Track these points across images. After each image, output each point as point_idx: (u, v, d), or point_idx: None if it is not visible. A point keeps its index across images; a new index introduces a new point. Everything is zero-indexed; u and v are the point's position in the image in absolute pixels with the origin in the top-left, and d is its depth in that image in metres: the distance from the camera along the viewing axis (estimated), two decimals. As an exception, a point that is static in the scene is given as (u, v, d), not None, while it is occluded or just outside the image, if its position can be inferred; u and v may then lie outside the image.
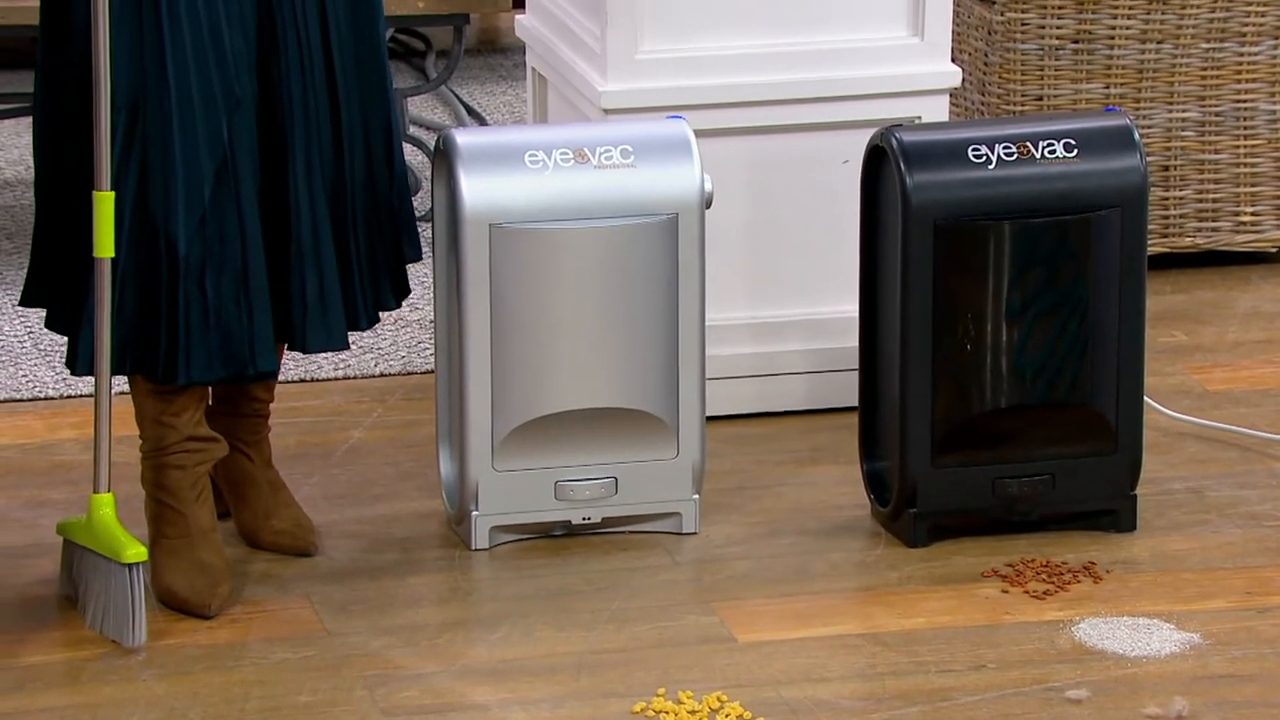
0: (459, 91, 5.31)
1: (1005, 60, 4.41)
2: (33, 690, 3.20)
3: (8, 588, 3.44)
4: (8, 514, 3.66)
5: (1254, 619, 3.39)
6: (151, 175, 3.26)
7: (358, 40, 3.37)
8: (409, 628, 3.36)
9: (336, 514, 3.68)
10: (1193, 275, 4.53)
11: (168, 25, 3.24)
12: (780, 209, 3.94)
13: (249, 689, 3.22)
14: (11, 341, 4.24)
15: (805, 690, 3.21)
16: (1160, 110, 4.47)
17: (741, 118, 3.88)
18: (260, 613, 3.40)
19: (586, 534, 3.62)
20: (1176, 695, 3.19)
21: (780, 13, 3.87)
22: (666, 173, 3.51)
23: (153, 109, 3.26)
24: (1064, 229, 3.51)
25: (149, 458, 3.42)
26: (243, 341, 3.30)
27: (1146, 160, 3.56)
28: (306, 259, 3.33)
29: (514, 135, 3.54)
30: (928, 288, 3.49)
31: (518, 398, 3.51)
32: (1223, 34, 4.44)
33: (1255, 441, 3.91)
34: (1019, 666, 3.27)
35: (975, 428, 3.55)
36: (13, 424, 3.96)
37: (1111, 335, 3.55)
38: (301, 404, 4.01)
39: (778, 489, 3.77)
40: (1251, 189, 4.53)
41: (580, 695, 3.20)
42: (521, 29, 4.19)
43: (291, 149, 3.32)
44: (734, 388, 3.95)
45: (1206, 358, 4.22)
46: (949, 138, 3.52)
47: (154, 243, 3.27)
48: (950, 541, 3.59)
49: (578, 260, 3.48)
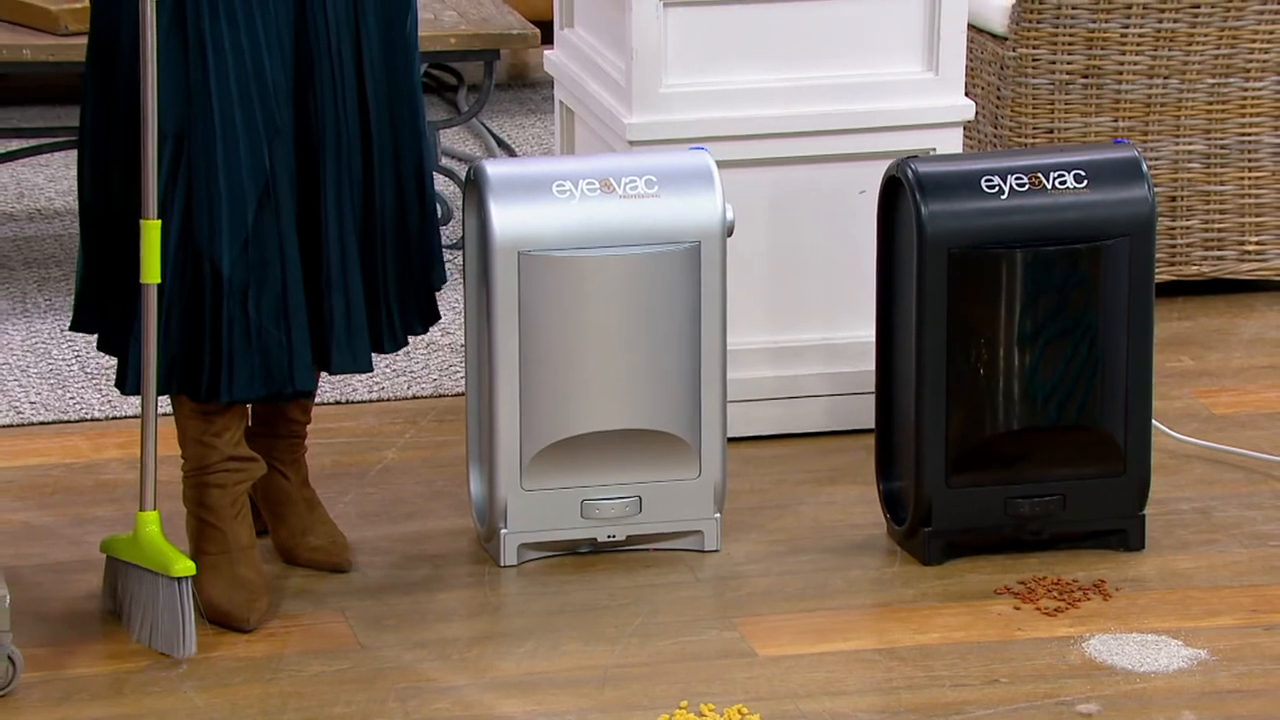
0: (489, 124, 5.32)
1: (1017, 94, 4.42)
2: (78, 701, 3.21)
3: (55, 601, 3.45)
4: (55, 531, 3.67)
5: (1260, 635, 3.39)
6: (197, 201, 3.27)
7: (390, 74, 3.37)
8: (440, 641, 3.36)
9: (370, 531, 3.68)
10: (1199, 302, 4.52)
11: (212, 57, 3.25)
12: (799, 237, 3.94)
13: (286, 700, 3.22)
14: (60, 365, 4.25)
15: (823, 703, 3.21)
16: (1167, 143, 4.47)
17: (762, 149, 3.89)
18: (297, 627, 3.40)
19: (611, 551, 3.62)
20: (1184, 710, 3.19)
21: (799, 48, 3.87)
22: (689, 202, 3.51)
23: (198, 138, 3.26)
24: (1074, 257, 3.51)
25: (191, 476, 3.43)
26: (282, 361, 3.31)
27: (1154, 191, 3.56)
28: (334, 284, 3.33)
29: (542, 166, 3.55)
30: (942, 313, 3.49)
31: (545, 419, 3.51)
32: (1228, 70, 4.44)
33: (1260, 464, 3.91)
34: (1031, 681, 3.26)
35: (988, 449, 3.55)
36: (60, 444, 3.97)
37: (1120, 360, 3.55)
38: (336, 425, 4.02)
39: (797, 508, 3.77)
40: (1256, 219, 4.53)
41: (605, 708, 3.20)
42: (550, 64, 4.20)
43: (324, 177, 3.32)
44: (754, 410, 3.95)
45: (1213, 382, 4.22)
46: (963, 169, 3.52)
47: (199, 266, 3.28)
48: (964, 559, 3.59)
49: (603, 286, 3.49)
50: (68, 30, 4.42)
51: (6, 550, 3.56)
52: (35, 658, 3.28)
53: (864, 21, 3.88)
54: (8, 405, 4.09)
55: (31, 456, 3.92)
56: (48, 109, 5.31)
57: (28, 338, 4.35)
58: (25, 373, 4.22)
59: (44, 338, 4.35)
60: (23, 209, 4.97)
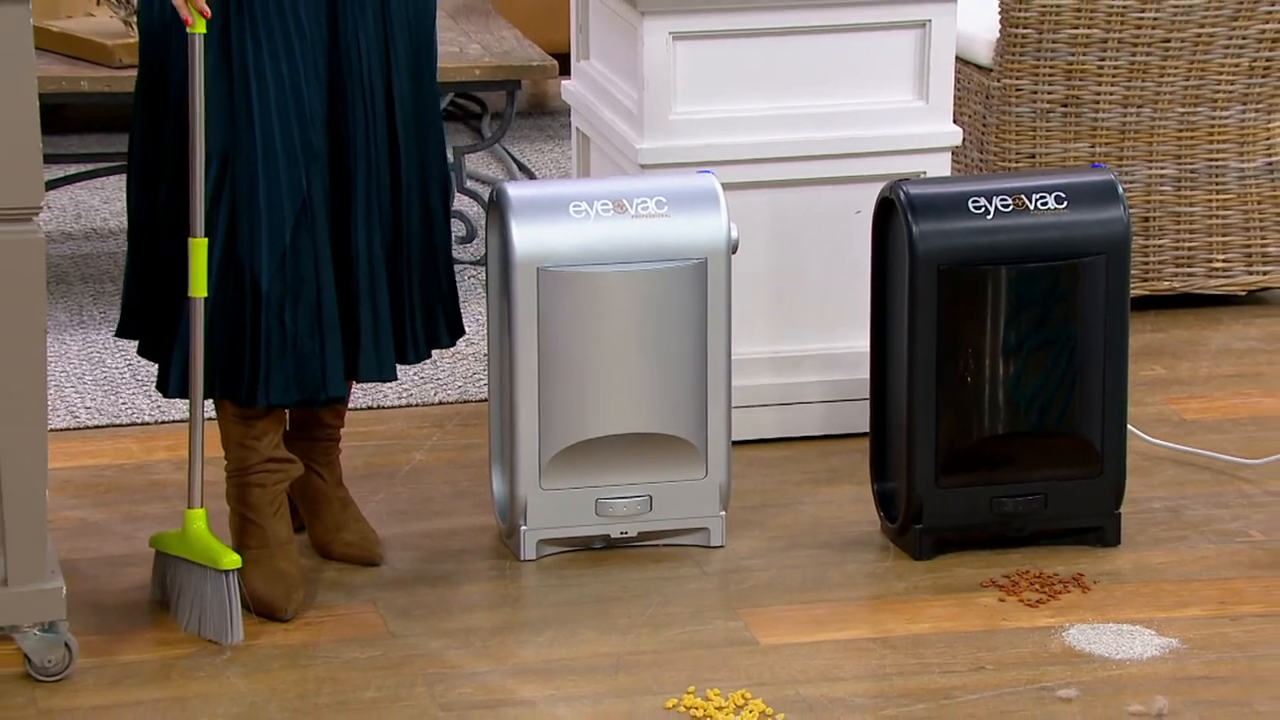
0: (511, 149, 5.32)
1: (1001, 122, 4.41)
2: (129, 685, 3.20)
3: (107, 593, 3.44)
4: (108, 527, 3.66)
5: (1227, 626, 3.37)
6: (239, 219, 3.27)
7: (418, 104, 3.36)
8: (464, 630, 3.35)
9: (399, 528, 3.67)
10: (1170, 315, 4.51)
11: (255, 85, 3.25)
12: (799, 254, 3.93)
13: (321, 685, 3.21)
14: (112, 373, 4.24)
15: (821, 689, 3.20)
16: (1141, 167, 4.46)
17: (764, 172, 3.88)
18: (331, 617, 3.39)
19: (624, 547, 3.60)
20: (1157, 695, 3.18)
21: (799, 78, 3.86)
22: (696, 222, 3.50)
23: (241, 160, 3.26)
24: (1055, 273, 3.50)
25: (233, 477, 3.43)
26: (316, 369, 3.30)
27: (1129, 212, 3.55)
28: (363, 298, 3.33)
29: (560, 188, 3.54)
30: (932, 326, 3.48)
31: (562, 423, 3.49)
32: (1196, 100, 4.44)
33: (1227, 465, 3.89)
34: (1014, 668, 3.25)
35: (975, 452, 3.53)
36: (113, 446, 3.96)
37: (1098, 369, 3.54)
38: (368, 429, 4.01)
39: (796, 506, 3.75)
40: (1223, 238, 4.52)
41: (618, 692, 3.19)
42: (567, 93, 4.19)
43: (355, 198, 3.32)
44: (757, 415, 3.94)
45: (1183, 390, 4.20)
46: (951, 191, 3.51)
47: (240, 280, 3.28)
48: (952, 555, 3.57)
49: (617, 300, 3.47)
50: (121, 63, 4.42)
51: (64, 545, 3.55)
52: (90, 644, 3.28)
53: (859, 54, 3.87)
54: (65, 410, 4.09)
55: (86, 458, 3.91)
56: (102, 136, 5.31)
57: (83, 347, 4.35)
58: (81, 380, 4.21)
59: (98, 347, 4.35)
60: (79, 228, 4.97)
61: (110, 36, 4.48)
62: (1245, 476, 3.86)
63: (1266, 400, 4.15)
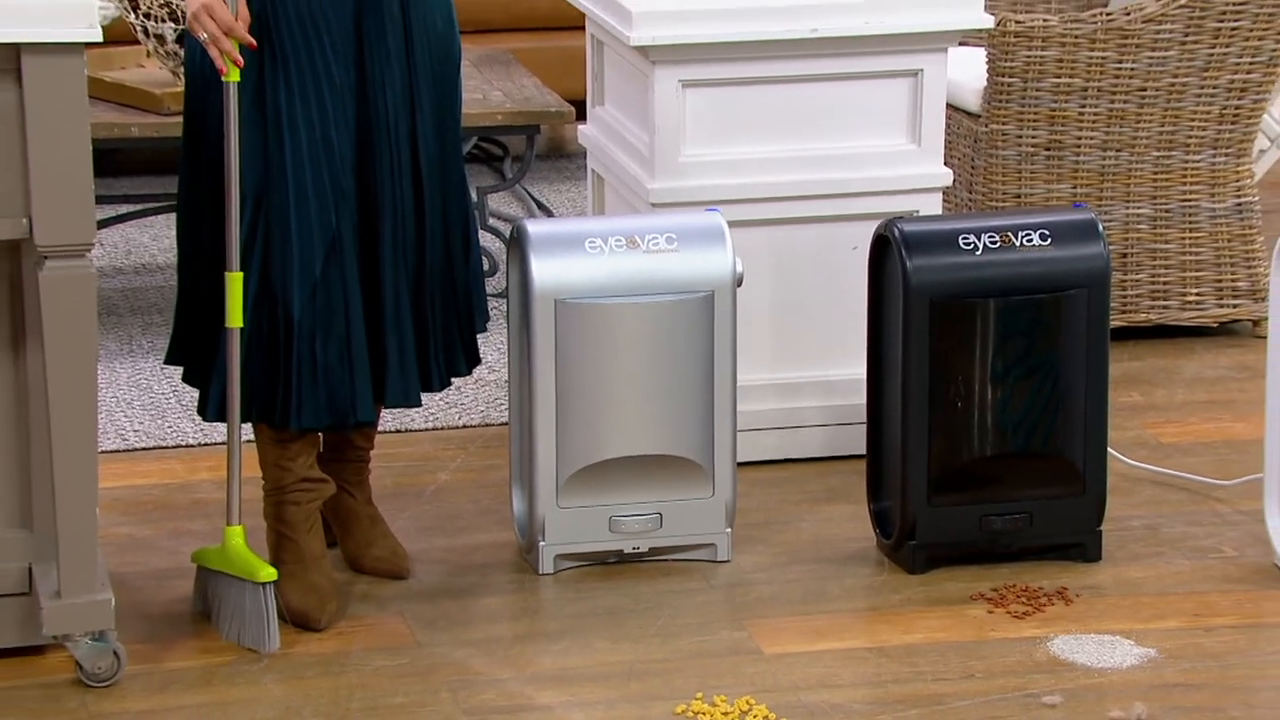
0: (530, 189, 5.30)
1: (989, 164, 4.40)
2: (174, 690, 3.19)
3: (154, 604, 3.43)
4: (154, 543, 3.65)
5: (1201, 636, 3.35)
6: (273, 255, 3.26)
7: (441, 148, 3.35)
8: (486, 640, 3.33)
9: (426, 543, 3.65)
10: (1147, 345, 4.49)
11: (287, 131, 3.24)
12: (800, 288, 3.91)
13: (352, 691, 3.20)
14: (159, 398, 4.23)
15: (821, 695, 3.18)
16: (1119, 207, 4.45)
17: (767, 211, 3.86)
18: (362, 627, 3.38)
19: (635, 561, 3.58)
20: (1136, 701, 3.16)
21: (800, 123, 3.85)
22: (704, 257, 3.48)
23: (274, 199, 3.25)
24: (1039, 306, 3.48)
25: (270, 496, 3.42)
26: (345, 395, 3.29)
27: (1108, 249, 3.54)
28: (389, 329, 3.32)
29: (576, 225, 3.53)
30: (924, 354, 3.46)
31: (578, 445, 3.48)
32: (1170, 144, 4.42)
33: (1201, 486, 3.87)
34: (1002, 676, 3.23)
35: (965, 473, 3.51)
36: (159, 467, 3.95)
37: (1079, 395, 3.52)
38: (397, 451, 3.99)
39: (797, 524, 3.73)
40: (1195, 274, 4.50)
41: (630, 698, 3.17)
42: (583, 137, 4.18)
43: (382, 235, 3.31)
44: (760, 438, 3.92)
45: (1159, 415, 4.18)
46: (942, 228, 3.50)
47: (274, 311, 3.27)
48: (943, 569, 3.55)
49: (629, 330, 3.46)
50: (169, 111, 4.41)
51: (112, 559, 3.54)
52: (137, 652, 3.27)
53: (856, 101, 3.85)
54: (114, 433, 4.07)
55: (134, 478, 3.90)
56: (151, 178, 5.30)
57: (132, 374, 4.34)
58: (130, 405, 4.20)
59: (146, 375, 4.33)
60: (130, 264, 4.97)
61: (159, 86, 4.48)
62: (1218, 497, 3.83)
63: (1237, 425, 4.12)
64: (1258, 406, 4.05)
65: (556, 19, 5.30)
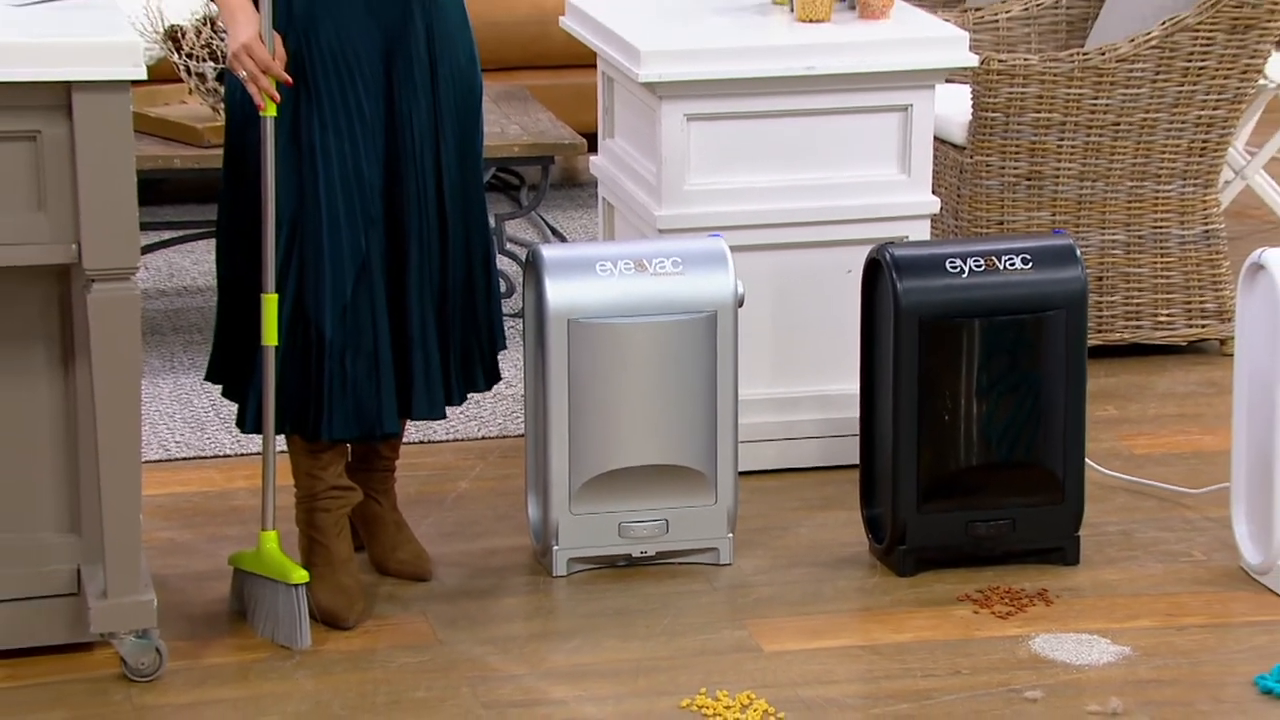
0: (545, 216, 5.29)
1: (974, 193, 4.39)
2: (212, 685, 3.17)
3: (193, 604, 3.41)
4: (193, 547, 3.63)
5: (1173, 635, 3.33)
6: (306, 277, 3.25)
7: (463, 179, 3.34)
8: (503, 638, 3.31)
9: (447, 548, 3.63)
10: (1121, 363, 4.47)
11: (320, 162, 3.24)
12: (797, 308, 3.89)
13: (378, 686, 3.18)
14: (199, 412, 4.21)
15: (817, 690, 3.16)
16: (1095, 233, 4.43)
17: (767, 236, 3.85)
18: (387, 625, 3.36)
19: (643, 564, 3.56)
20: (1112, 696, 3.14)
21: (797, 154, 3.84)
22: (707, 279, 3.47)
23: (308, 226, 3.25)
24: (1021, 326, 3.46)
25: (302, 503, 3.40)
26: (373, 408, 3.28)
27: (1085, 272, 3.52)
28: (415, 346, 3.31)
29: (588, 250, 3.51)
30: (914, 371, 3.44)
31: (590, 456, 3.46)
32: (1143, 175, 4.41)
33: (1171, 494, 3.85)
34: (987, 672, 3.21)
35: (952, 481, 3.49)
36: (198, 476, 3.93)
37: (1059, 409, 3.50)
38: (420, 461, 3.97)
39: (795, 530, 3.71)
40: (1166, 296, 4.48)
41: (638, 693, 3.15)
42: (595, 167, 4.17)
43: (408, 259, 3.30)
44: (760, 449, 3.90)
45: (1133, 428, 4.16)
46: (930, 253, 3.48)
47: (307, 330, 3.26)
48: (932, 572, 3.52)
49: (637, 348, 3.44)
50: (209, 144, 4.40)
51: (155, 562, 3.52)
52: (177, 649, 3.25)
53: (850, 133, 3.84)
54: (157, 444, 4.06)
55: (175, 486, 3.89)
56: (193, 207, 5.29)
57: (174, 390, 4.32)
58: (171, 418, 4.18)
59: (187, 390, 4.32)
60: (172, 286, 4.96)
61: (200, 120, 4.47)
62: (1188, 504, 3.81)
63: (1206, 437, 4.10)
64: (1224, 420, 4.04)
65: (570, 57, 5.29)
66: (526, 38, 5.44)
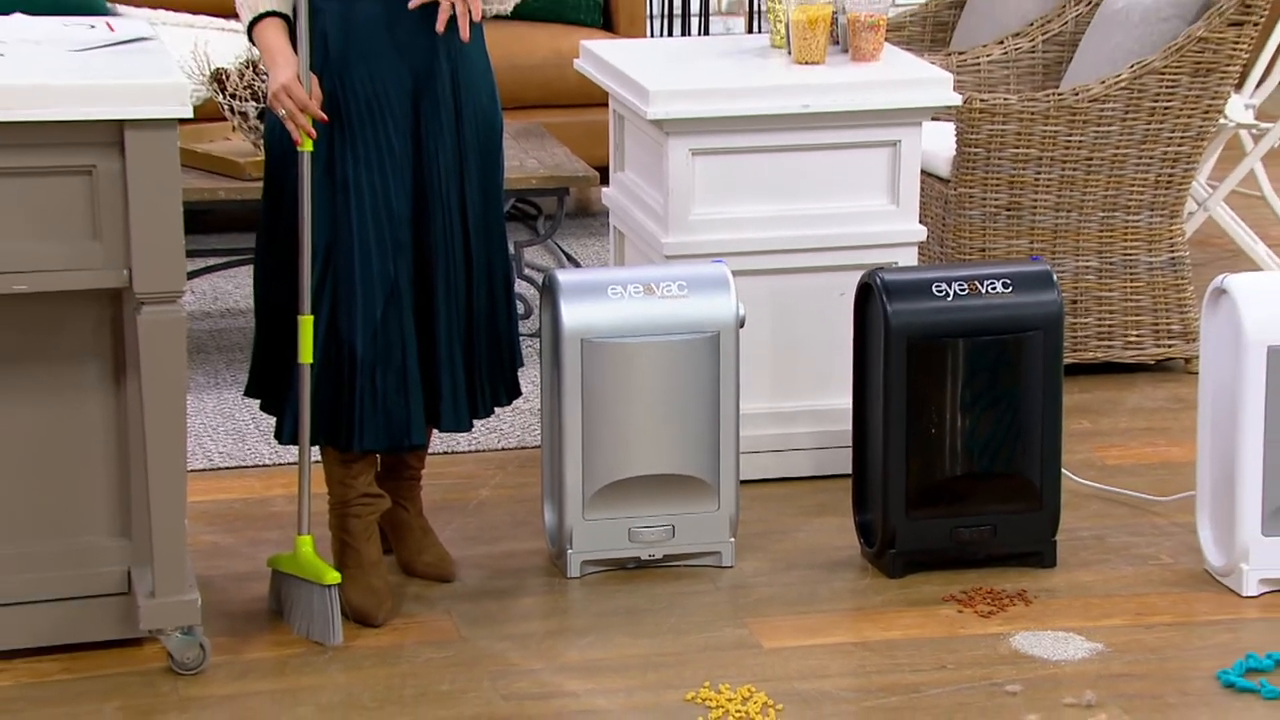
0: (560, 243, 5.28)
1: (958, 222, 4.38)
2: (252, 678, 3.17)
3: (234, 603, 3.40)
4: (235, 550, 3.62)
5: (1142, 633, 3.32)
6: (340, 300, 3.25)
7: (485, 209, 3.34)
8: (521, 635, 3.30)
9: (469, 551, 3.62)
10: (1094, 380, 4.46)
11: (353, 194, 3.24)
12: (794, 329, 3.88)
13: (405, 679, 3.17)
14: (241, 425, 4.20)
15: (813, 684, 3.15)
16: (1070, 260, 4.42)
17: (766, 262, 3.84)
18: (414, 623, 3.35)
19: (651, 567, 3.55)
20: (1086, 689, 3.13)
21: (794, 186, 3.83)
22: (711, 302, 3.46)
23: (342, 253, 3.24)
24: (1002, 345, 3.45)
25: (334, 509, 3.40)
26: (402, 422, 3.27)
27: (1061, 296, 3.51)
28: (443, 364, 3.30)
29: (600, 274, 3.50)
30: (902, 387, 3.43)
31: (601, 465, 3.45)
32: (1113, 206, 4.41)
33: (1141, 502, 3.83)
34: (970, 667, 3.20)
35: (938, 490, 3.48)
36: (240, 484, 3.92)
37: (1037, 423, 3.49)
38: (444, 470, 3.96)
39: (792, 534, 3.70)
40: (1135, 318, 4.47)
41: (647, 687, 3.14)
42: (607, 198, 4.16)
43: (435, 283, 3.29)
44: (760, 459, 3.89)
45: (1105, 440, 4.14)
46: (918, 278, 3.47)
47: (340, 349, 3.26)
48: (919, 574, 3.51)
49: (645, 366, 3.44)
50: (250, 177, 4.40)
51: (199, 564, 3.51)
52: (220, 645, 3.25)
53: (843, 167, 3.84)
54: (202, 455, 4.05)
55: (219, 493, 3.88)
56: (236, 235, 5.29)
57: (218, 405, 4.32)
58: (215, 430, 4.18)
59: (229, 405, 4.31)
60: (217, 309, 4.95)
61: (242, 156, 4.48)
62: (1156, 511, 3.80)
63: (1172, 449, 4.09)
64: (1190, 433, 4.03)
65: (583, 97, 5.29)
66: (543, 79, 5.44)
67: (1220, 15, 4.29)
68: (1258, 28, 4.30)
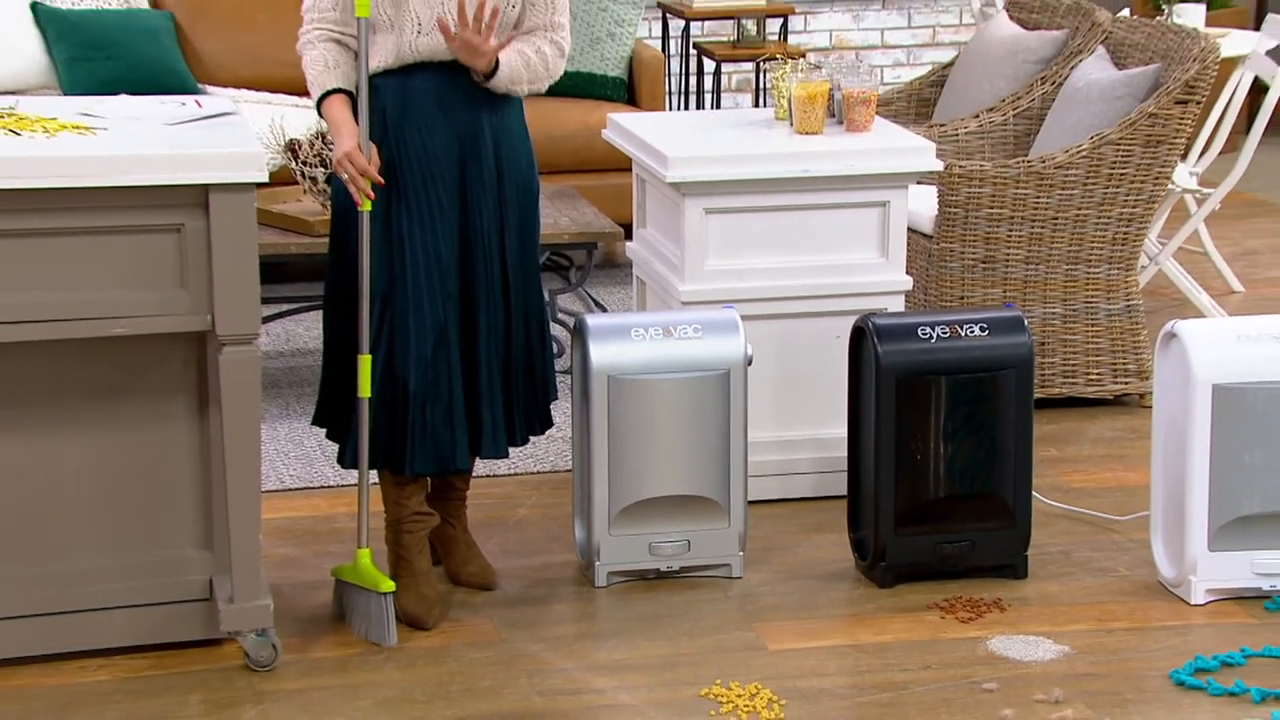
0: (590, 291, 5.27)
1: (940, 273, 4.36)
2: (318, 675, 3.15)
3: (303, 609, 3.38)
4: (303, 561, 3.60)
5: (1104, 636, 3.29)
6: (395, 342, 3.24)
7: (523, 260, 3.33)
8: (555, 638, 3.28)
9: (509, 563, 3.59)
10: (1060, 412, 4.42)
11: (407, 248, 3.23)
12: (796, 366, 3.86)
13: (452, 676, 3.15)
14: (309, 450, 4.19)
15: (813, 682, 3.12)
16: (1039, 307, 4.39)
17: (771, 308, 3.81)
18: (460, 627, 3.33)
19: (669, 577, 3.52)
20: (1055, 687, 3.10)
21: (796, 241, 3.81)
22: (722, 343, 3.44)
23: (397, 300, 3.23)
24: (980, 382, 3.43)
25: (389, 526, 3.38)
26: (448, 449, 3.26)
27: (1031, 339, 3.48)
28: (484, 398, 3.29)
29: (625, 318, 3.49)
30: (892, 419, 3.41)
31: (626, 487, 3.43)
32: (1076, 260, 4.38)
33: (1102, 521, 3.79)
34: (952, 667, 3.17)
35: (923, 509, 3.45)
36: (308, 503, 3.91)
37: (1010, 451, 3.46)
38: (487, 491, 3.94)
39: (794, 549, 3.66)
40: (1096, 358, 4.44)
41: (665, 684, 3.11)
42: (630, 251, 4.15)
43: (479, 326, 3.28)
44: (766, 482, 3.86)
45: (1070, 466, 4.10)
46: (905, 322, 3.45)
47: (395, 385, 3.25)
48: (907, 584, 3.48)
49: (664, 399, 3.42)
50: (318, 234, 4.40)
51: (272, 573, 3.49)
52: (289, 645, 3.23)
53: (839, 224, 3.82)
54: (274, 477, 4.03)
55: (289, 511, 3.86)
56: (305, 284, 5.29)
57: (289, 432, 4.30)
58: (286, 456, 4.16)
59: (299, 433, 4.29)
60: (289, 348, 4.95)
61: (311, 214, 4.48)
62: (1115, 529, 3.76)
63: (1129, 474, 4.05)
64: (1145, 460, 4.00)
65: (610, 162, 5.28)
66: (575, 147, 5.44)
67: (1168, 95, 4.29)
68: (1200, 106, 4.31)
